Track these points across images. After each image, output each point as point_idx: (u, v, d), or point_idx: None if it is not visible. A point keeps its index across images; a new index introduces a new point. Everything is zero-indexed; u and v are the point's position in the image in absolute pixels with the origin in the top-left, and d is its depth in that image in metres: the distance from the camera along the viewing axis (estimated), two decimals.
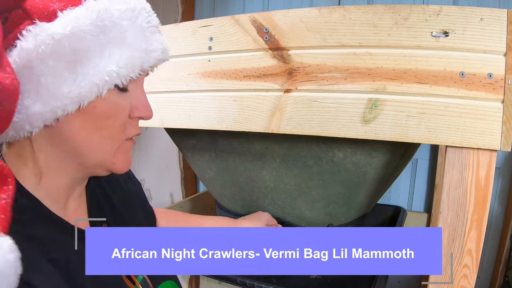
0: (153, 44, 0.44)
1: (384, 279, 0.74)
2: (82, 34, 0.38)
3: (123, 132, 0.46)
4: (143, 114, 0.47)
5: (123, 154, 0.47)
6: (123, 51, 0.41)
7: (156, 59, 0.44)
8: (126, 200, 0.61)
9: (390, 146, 0.72)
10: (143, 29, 0.43)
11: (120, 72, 0.40)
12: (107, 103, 0.42)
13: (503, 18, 0.50)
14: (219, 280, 0.82)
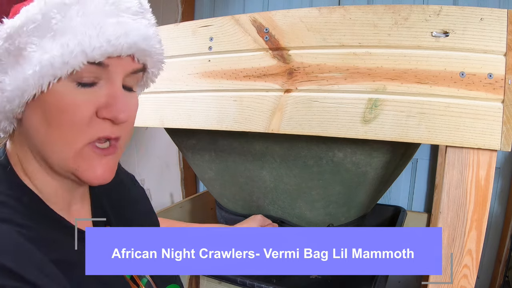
0: (105, 28, 0.38)
1: (384, 279, 0.74)
2: (28, 25, 0.37)
3: (82, 133, 0.40)
4: (112, 115, 0.40)
5: (87, 161, 0.41)
6: (63, 38, 0.37)
7: (109, 44, 0.38)
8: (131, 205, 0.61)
9: (390, 146, 0.72)
10: (96, 13, 0.38)
11: (54, 61, 0.37)
12: (58, 98, 0.39)
13: (503, 18, 0.50)
14: (219, 280, 0.82)
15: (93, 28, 0.37)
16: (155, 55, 0.45)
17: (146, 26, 0.42)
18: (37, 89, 0.38)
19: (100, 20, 0.38)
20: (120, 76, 0.42)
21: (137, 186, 0.66)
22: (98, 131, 0.41)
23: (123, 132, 0.44)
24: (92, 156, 0.41)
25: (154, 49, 0.44)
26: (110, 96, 0.40)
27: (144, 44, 0.41)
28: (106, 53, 0.38)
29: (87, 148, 0.41)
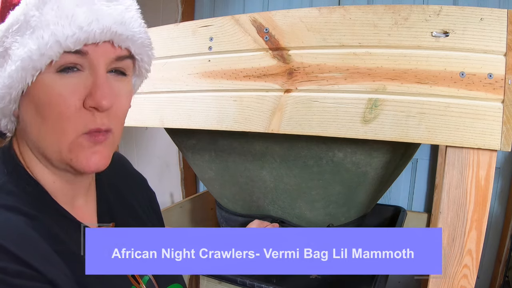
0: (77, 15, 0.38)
1: (384, 279, 0.74)
2: (13, 26, 0.39)
3: (71, 124, 0.41)
4: (95, 102, 0.40)
5: (80, 150, 0.42)
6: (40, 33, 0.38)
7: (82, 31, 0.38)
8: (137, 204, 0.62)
9: (390, 146, 0.72)
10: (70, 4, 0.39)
11: (32, 55, 0.38)
12: (45, 90, 0.40)
13: (503, 18, 0.50)
14: (219, 280, 0.82)
15: (65, 18, 0.38)
16: (136, 39, 0.44)
17: (122, 11, 0.42)
18: (23, 84, 0.39)
19: (72, 9, 0.38)
20: (103, 63, 0.42)
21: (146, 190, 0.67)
22: (87, 122, 0.41)
23: (114, 122, 0.44)
24: (85, 145, 0.42)
25: (132, 32, 0.43)
26: (93, 84, 0.41)
27: (119, 29, 0.41)
28: (80, 40, 0.39)
29: (81, 139, 0.42)
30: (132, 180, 0.63)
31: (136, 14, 0.45)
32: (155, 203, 0.67)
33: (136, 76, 0.50)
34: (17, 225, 0.38)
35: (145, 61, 0.48)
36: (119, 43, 0.42)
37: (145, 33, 0.46)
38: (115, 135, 0.45)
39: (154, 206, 0.67)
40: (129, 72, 0.46)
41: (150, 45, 0.48)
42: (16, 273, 0.34)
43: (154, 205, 0.67)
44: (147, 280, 0.52)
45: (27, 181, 0.43)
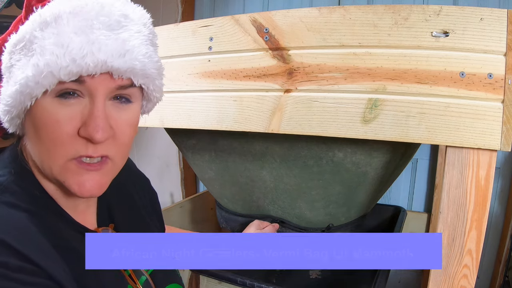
0: (72, 47, 0.36)
1: (384, 279, 0.74)
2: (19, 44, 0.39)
3: (62, 150, 0.40)
4: (87, 133, 0.39)
5: (72, 176, 0.41)
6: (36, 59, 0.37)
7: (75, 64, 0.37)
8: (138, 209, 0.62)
9: (390, 146, 0.72)
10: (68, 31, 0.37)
11: (28, 82, 0.37)
12: (43, 113, 0.39)
13: (503, 18, 0.50)
14: (219, 280, 0.82)
15: (61, 47, 0.36)
16: (138, 71, 0.41)
17: (123, 41, 0.39)
18: (22, 105, 0.39)
19: (69, 38, 0.37)
20: (102, 94, 0.40)
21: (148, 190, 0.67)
22: (79, 149, 0.40)
23: (113, 150, 0.42)
24: (77, 170, 0.41)
25: (132, 65, 0.40)
26: (89, 115, 0.39)
27: (116, 62, 0.38)
28: (73, 73, 0.37)
29: (72, 163, 0.41)
30: (134, 179, 0.64)
31: (142, 42, 0.41)
32: (156, 204, 0.68)
33: (147, 101, 0.49)
34: (19, 221, 0.38)
35: (152, 89, 0.45)
36: (119, 75, 0.40)
37: (152, 62, 0.43)
38: (116, 162, 0.44)
39: (156, 206, 0.67)
40: (134, 98, 0.44)
41: (157, 74, 0.45)
42: (17, 268, 0.34)
43: (155, 206, 0.67)
44: (144, 280, 0.52)
45: (34, 184, 0.44)
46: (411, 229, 1.34)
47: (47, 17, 0.37)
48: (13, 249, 0.35)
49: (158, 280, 0.55)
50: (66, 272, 0.39)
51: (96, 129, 0.39)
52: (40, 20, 0.38)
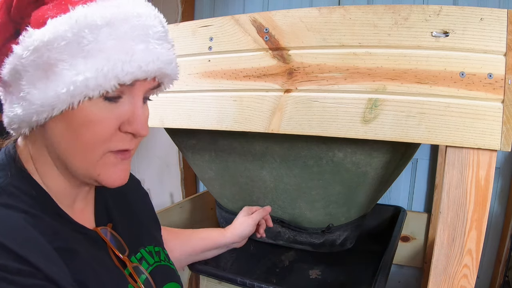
0: (135, 54, 0.40)
1: (384, 279, 0.74)
2: (59, 42, 0.38)
3: (104, 144, 0.43)
4: (134, 129, 0.44)
5: (109, 167, 0.45)
6: (96, 61, 0.38)
7: (140, 70, 0.41)
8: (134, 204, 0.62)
9: (390, 146, 0.72)
10: (127, 37, 0.40)
11: (88, 83, 0.38)
12: (86, 113, 0.41)
13: (503, 18, 0.50)
14: (219, 280, 0.82)
15: (125, 54, 0.39)
16: (172, 76, 0.47)
17: (168, 49, 0.45)
18: (68, 106, 0.39)
19: (131, 45, 0.40)
20: (141, 94, 0.45)
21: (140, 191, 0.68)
22: (118, 143, 0.44)
23: (138, 143, 0.48)
24: (113, 162, 0.45)
25: (174, 71, 0.47)
26: (132, 113, 0.44)
27: (167, 68, 0.44)
28: (136, 78, 0.41)
29: (109, 156, 0.44)
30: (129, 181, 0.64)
31: (175, 52, 0.47)
32: (148, 204, 0.68)
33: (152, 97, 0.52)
34: (17, 222, 0.38)
35: (166, 88, 0.51)
36: (161, 79, 0.46)
37: (178, 68, 0.49)
38: (133, 153, 0.49)
39: (148, 206, 0.68)
40: (151, 97, 0.49)
41: (177, 78, 0.50)
42: (16, 271, 0.35)
43: (147, 206, 0.68)
44: (144, 279, 0.52)
45: (31, 184, 0.44)
46: (411, 229, 1.34)
47: (97, 21, 0.38)
48: (11, 252, 0.35)
49: (158, 279, 0.55)
50: (65, 273, 0.39)
51: (142, 127, 0.44)
52: (88, 21, 0.38)
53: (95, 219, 0.53)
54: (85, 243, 0.46)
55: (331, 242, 0.88)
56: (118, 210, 0.57)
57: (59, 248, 0.41)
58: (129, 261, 0.52)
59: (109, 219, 0.54)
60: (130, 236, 0.55)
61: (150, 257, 0.57)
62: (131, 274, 0.51)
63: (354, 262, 0.95)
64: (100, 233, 0.50)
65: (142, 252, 0.56)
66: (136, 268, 0.52)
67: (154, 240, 0.60)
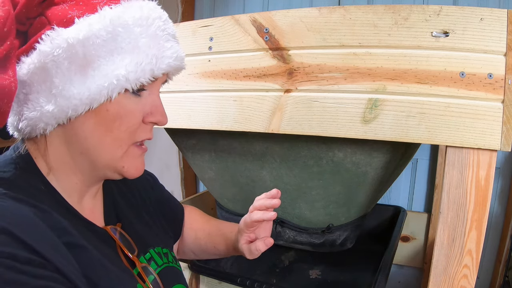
0: (165, 51, 0.45)
1: (384, 279, 0.74)
2: (94, 39, 0.40)
3: (132, 136, 0.46)
4: (157, 119, 0.48)
5: (132, 158, 0.47)
6: (134, 57, 0.42)
7: (168, 65, 0.45)
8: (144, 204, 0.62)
9: (390, 146, 0.72)
10: (156, 36, 0.44)
11: (129, 77, 0.42)
12: (118, 106, 0.43)
13: (503, 18, 0.50)
14: (219, 280, 0.82)
15: (158, 50, 0.44)
16: (180, 70, 0.51)
17: (180, 48, 0.49)
18: (106, 99, 0.42)
19: (161, 43, 0.44)
20: (159, 87, 0.49)
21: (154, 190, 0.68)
22: (143, 134, 0.47)
23: None
24: (137, 154, 0.48)
25: (184, 67, 0.51)
26: (153, 104, 0.47)
27: (183, 63, 0.49)
28: (165, 72, 0.46)
29: (132, 147, 0.47)
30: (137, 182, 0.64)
31: None
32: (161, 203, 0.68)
33: None
34: (27, 215, 0.39)
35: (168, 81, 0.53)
36: (174, 73, 0.50)
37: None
38: None
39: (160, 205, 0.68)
40: None
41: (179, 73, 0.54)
42: (25, 260, 0.35)
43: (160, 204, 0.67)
44: (153, 279, 0.52)
45: (40, 179, 0.45)
46: (411, 229, 1.34)
47: (129, 20, 0.42)
48: (21, 242, 0.35)
49: (166, 280, 0.55)
50: (74, 268, 0.39)
51: (164, 115, 0.48)
52: (120, 21, 0.41)
53: (104, 218, 0.53)
54: (94, 240, 0.47)
55: (331, 242, 0.88)
56: (127, 211, 0.57)
57: (68, 243, 0.41)
58: (138, 261, 0.52)
59: (118, 219, 0.55)
60: (139, 237, 0.55)
61: (159, 258, 0.57)
62: (140, 274, 0.51)
63: (354, 262, 0.95)
64: (109, 232, 0.50)
65: (151, 252, 0.56)
66: (145, 268, 0.52)
67: (162, 242, 0.61)
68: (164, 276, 0.55)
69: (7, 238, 0.35)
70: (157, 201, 0.67)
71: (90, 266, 0.42)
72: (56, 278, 0.36)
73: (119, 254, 0.50)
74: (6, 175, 0.42)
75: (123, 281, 0.46)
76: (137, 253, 0.52)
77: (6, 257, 0.33)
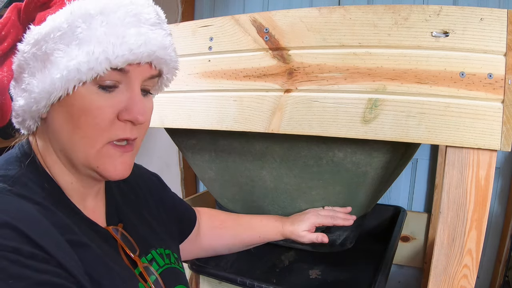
0: (127, 38, 0.41)
1: (384, 279, 0.74)
2: (55, 33, 0.40)
3: (104, 134, 0.43)
4: (131, 117, 0.44)
5: (107, 158, 0.45)
6: (90, 47, 0.40)
7: (131, 53, 0.41)
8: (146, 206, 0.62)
9: (390, 146, 0.72)
10: (120, 23, 0.41)
11: (80, 67, 0.40)
12: (83, 101, 0.42)
13: (503, 18, 0.50)
14: (219, 280, 0.82)
15: (116, 38, 0.41)
16: (170, 62, 0.48)
17: (163, 35, 0.45)
18: (63, 92, 0.41)
19: (122, 30, 0.41)
20: (138, 81, 0.45)
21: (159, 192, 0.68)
22: (118, 132, 0.44)
23: (140, 133, 0.47)
24: (112, 153, 0.45)
25: (170, 57, 0.47)
26: (129, 100, 0.44)
27: (161, 53, 0.45)
28: (128, 61, 0.42)
29: (107, 146, 0.44)
30: (140, 183, 0.64)
31: (172, 40, 0.48)
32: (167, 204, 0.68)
33: (155, 90, 0.53)
34: (31, 211, 0.39)
35: (169, 79, 0.51)
36: (157, 65, 0.46)
37: (176, 57, 0.49)
38: (138, 145, 0.48)
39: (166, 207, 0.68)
40: (153, 90, 0.50)
41: (178, 67, 0.51)
42: (29, 255, 0.35)
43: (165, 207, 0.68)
44: (154, 279, 0.52)
45: (44, 177, 0.45)
46: (411, 229, 1.34)
47: (90, 10, 0.40)
48: (25, 236, 0.36)
49: (168, 281, 0.55)
50: (77, 264, 0.40)
51: (140, 112, 0.44)
52: (82, 12, 0.40)
53: (106, 219, 0.53)
54: (97, 239, 0.47)
55: (331, 242, 0.88)
56: (129, 211, 0.57)
57: (71, 241, 0.41)
58: (139, 261, 0.52)
59: (119, 219, 0.55)
60: (141, 237, 0.55)
61: (161, 259, 0.57)
62: (142, 274, 0.51)
63: (354, 262, 0.95)
64: (111, 232, 0.50)
65: (153, 253, 0.56)
66: (147, 268, 0.52)
67: (164, 243, 0.61)
68: (165, 277, 0.55)
69: (11, 233, 0.35)
70: (161, 202, 0.67)
71: (93, 264, 0.43)
72: (59, 273, 0.36)
73: (120, 254, 0.50)
74: (11, 173, 0.43)
75: (125, 280, 0.47)
76: (138, 253, 0.53)
77: (10, 251, 0.34)
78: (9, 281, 0.32)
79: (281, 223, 0.79)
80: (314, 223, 0.77)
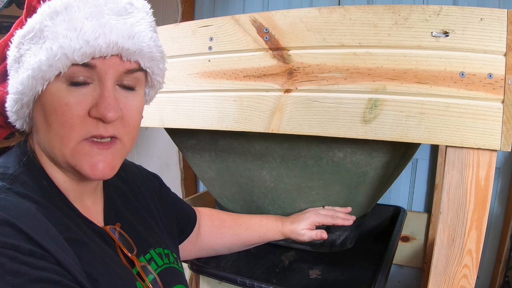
0: (84, 31, 0.39)
1: (384, 279, 0.74)
2: (28, 34, 0.41)
3: (76, 131, 0.42)
4: (99, 113, 0.42)
5: (83, 156, 0.43)
6: (49, 44, 0.39)
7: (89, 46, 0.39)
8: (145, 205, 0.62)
9: (390, 146, 0.72)
10: (80, 17, 0.40)
11: (41, 65, 0.39)
12: (52, 99, 0.42)
13: (503, 18, 0.50)
14: (219, 280, 0.82)
15: (74, 31, 0.39)
16: (145, 53, 0.44)
17: (131, 25, 0.42)
18: (33, 91, 0.41)
19: (81, 23, 0.39)
20: (111, 76, 0.42)
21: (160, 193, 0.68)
22: (91, 129, 0.42)
23: (121, 131, 0.45)
24: (88, 151, 0.43)
25: (141, 47, 0.43)
26: (99, 96, 0.42)
27: (127, 43, 0.41)
28: (86, 54, 0.40)
29: (82, 144, 0.43)
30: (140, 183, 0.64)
31: (147, 28, 0.44)
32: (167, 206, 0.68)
33: (150, 88, 0.52)
34: (29, 210, 0.39)
35: (156, 73, 0.48)
36: (128, 57, 0.43)
37: (156, 46, 0.46)
38: (124, 143, 0.46)
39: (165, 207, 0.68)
40: (139, 86, 0.47)
41: (161, 58, 0.48)
42: (27, 252, 0.35)
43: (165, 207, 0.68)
44: (152, 279, 0.52)
45: (43, 176, 0.46)
46: (411, 229, 1.34)
47: (57, 7, 0.40)
48: (24, 233, 0.36)
49: (166, 280, 0.55)
50: (75, 262, 0.40)
51: (108, 108, 0.41)
52: (50, 10, 0.40)
53: (104, 218, 0.53)
54: (95, 238, 0.47)
55: (331, 242, 0.88)
56: (127, 211, 0.57)
57: (70, 239, 0.41)
58: (137, 260, 0.52)
59: (117, 219, 0.55)
60: (139, 237, 0.56)
61: (159, 259, 0.57)
62: (139, 273, 0.51)
63: (354, 262, 0.95)
64: (109, 231, 0.50)
65: (152, 253, 0.56)
66: (144, 267, 0.52)
67: (163, 243, 0.61)
68: (164, 277, 0.55)
69: (10, 230, 0.35)
70: (161, 202, 0.67)
71: (91, 262, 0.43)
72: (57, 270, 0.37)
73: (118, 253, 0.50)
74: (10, 171, 0.43)
75: (123, 279, 0.47)
76: (136, 252, 0.53)
77: (8, 248, 0.34)
78: (7, 277, 0.33)
79: (281, 222, 0.79)
80: (314, 222, 0.77)
